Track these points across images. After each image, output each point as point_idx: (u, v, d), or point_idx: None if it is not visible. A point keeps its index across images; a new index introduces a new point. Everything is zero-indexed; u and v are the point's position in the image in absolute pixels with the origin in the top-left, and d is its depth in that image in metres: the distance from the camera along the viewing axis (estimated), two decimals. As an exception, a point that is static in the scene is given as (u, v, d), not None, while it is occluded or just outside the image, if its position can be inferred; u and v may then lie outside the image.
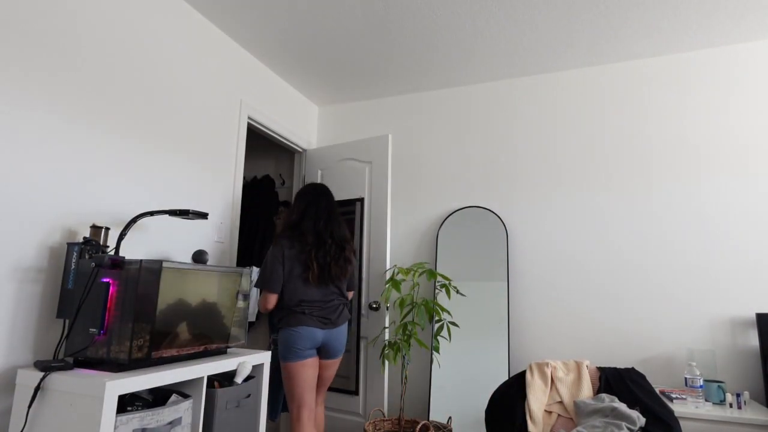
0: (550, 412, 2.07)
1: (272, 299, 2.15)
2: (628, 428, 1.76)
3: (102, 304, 1.52)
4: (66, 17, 1.76)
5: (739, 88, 2.57)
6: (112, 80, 1.93)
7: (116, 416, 1.37)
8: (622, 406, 1.86)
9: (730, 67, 2.60)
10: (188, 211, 1.86)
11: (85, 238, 1.66)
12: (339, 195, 3.15)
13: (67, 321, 1.65)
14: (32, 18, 1.64)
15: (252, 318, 2.98)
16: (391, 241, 3.18)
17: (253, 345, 3.59)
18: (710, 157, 2.57)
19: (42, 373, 1.42)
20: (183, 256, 2.26)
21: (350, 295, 2.40)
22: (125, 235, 1.80)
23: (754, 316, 2.35)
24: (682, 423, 2.02)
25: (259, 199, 3.66)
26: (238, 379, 1.87)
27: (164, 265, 1.60)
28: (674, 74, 2.70)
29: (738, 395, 2.07)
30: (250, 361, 1.93)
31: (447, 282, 2.65)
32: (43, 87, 1.67)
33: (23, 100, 1.60)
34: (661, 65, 2.74)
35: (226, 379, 1.91)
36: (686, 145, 2.62)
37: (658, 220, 2.60)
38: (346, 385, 2.89)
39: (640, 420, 1.81)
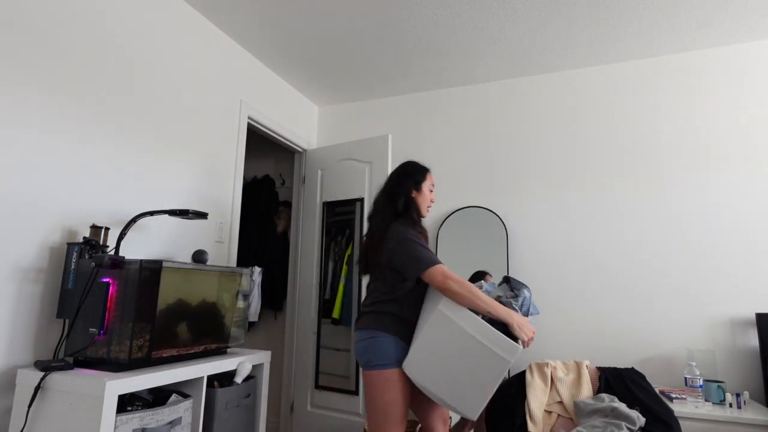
0: (550, 412, 2.07)
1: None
2: (628, 428, 1.76)
3: (102, 304, 1.52)
4: (65, 15, 1.76)
5: (749, 87, 2.56)
6: (112, 80, 1.93)
7: (116, 416, 1.37)
8: (622, 406, 1.86)
9: (739, 66, 2.60)
10: (188, 211, 1.86)
11: (85, 238, 1.66)
12: (339, 195, 3.15)
13: (67, 321, 1.65)
14: (31, 17, 1.64)
15: (254, 318, 2.99)
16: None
17: (252, 345, 3.60)
18: (712, 156, 2.56)
19: (42, 373, 1.42)
20: (183, 256, 2.26)
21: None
22: (125, 235, 1.81)
23: (754, 316, 2.35)
24: (681, 423, 2.02)
25: (259, 199, 3.66)
26: (238, 379, 1.88)
27: (164, 265, 1.60)
28: (682, 73, 2.70)
29: (738, 395, 2.06)
30: (249, 361, 1.93)
31: (447, 282, 2.64)
32: (42, 87, 1.67)
33: (23, 100, 1.60)
34: (668, 64, 2.73)
35: (226, 379, 1.91)
36: (688, 144, 2.62)
37: (658, 220, 2.60)
38: (346, 385, 2.89)
39: (640, 420, 1.81)
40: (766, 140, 2.48)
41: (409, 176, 1.81)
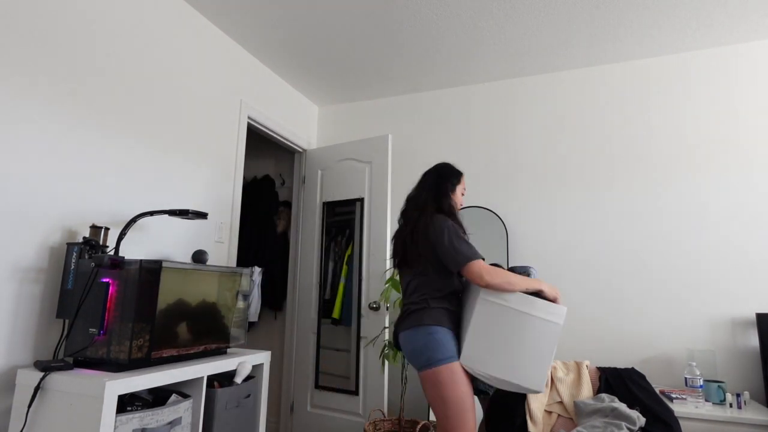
0: (550, 412, 2.07)
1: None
2: (628, 428, 1.76)
3: (102, 304, 1.52)
4: (64, 16, 1.76)
5: (741, 88, 2.57)
6: (112, 81, 1.93)
7: (116, 416, 1.37)
8: (622, 406, 1.86)
9: (731, 67, 2.60)
10: (188, 211, 1.86)
11: (84, 238, 1.66)
12: (339, 195, 3.15)
13: (67, 321, 1.65)
14: (31, 18, 1.64)
15: (254, 318, 2.99)
16: (390, 240, 3.18)
17: (252, 345, 3.60)
18: (711, 156, 2.56)
19: (42, 373, 1.42)
20: (183, 256, 2.26)
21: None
22: (125, 235, 1.81)
23: (754, 316, 2.35)
24: (682, 423, 2.02)
25: (259, 199, 3.66)
26: (238, 379, 1.87)
27: (164, 265, 1.60)
28: (675, 74, 2.70)
29: (738, 395, 2.06)
30: (249, 361, 1.93)
31: (447, 282, 2.64)
32: (42, 88, 1.67)
33: (23, 100, 1.60)
34: (662, 65, 2.73)
35: (225, 379, 1.91)
36: (687, 144, 2.62)
37: (658, 220, 2.60)
38: (346, 385, 2.89)
39: (640, 420, 1.81)
40: (766, 139, 2.48)
41: (448, 178, 1.89)
